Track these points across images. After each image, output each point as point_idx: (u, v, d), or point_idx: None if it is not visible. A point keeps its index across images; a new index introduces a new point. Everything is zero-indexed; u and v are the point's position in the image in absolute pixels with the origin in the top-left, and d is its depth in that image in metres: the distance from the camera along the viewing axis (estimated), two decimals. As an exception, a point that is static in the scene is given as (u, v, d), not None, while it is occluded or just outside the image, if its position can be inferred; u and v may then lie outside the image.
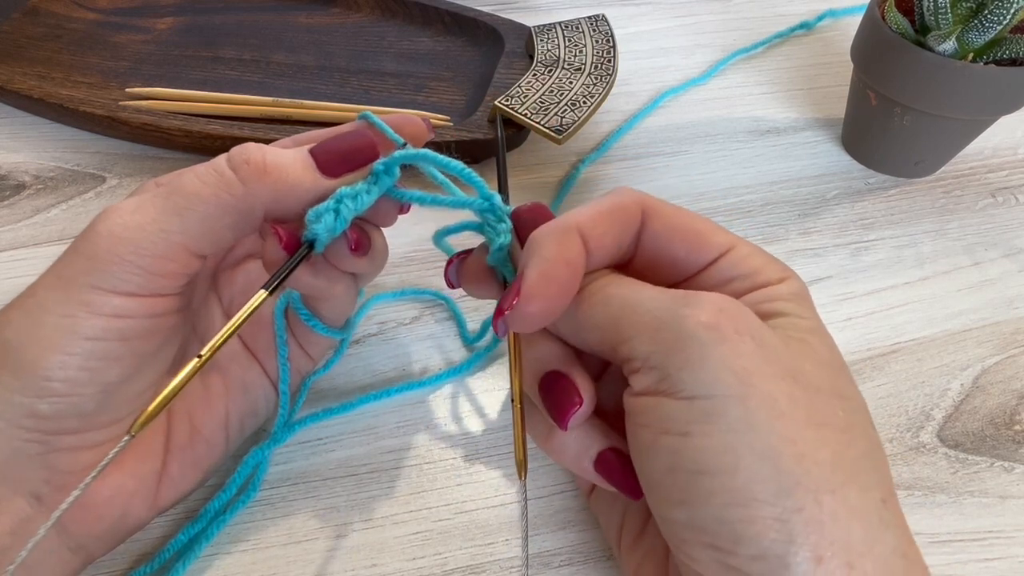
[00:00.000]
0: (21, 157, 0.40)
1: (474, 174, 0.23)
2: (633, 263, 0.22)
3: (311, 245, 0.22)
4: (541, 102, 0.38)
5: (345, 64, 0.45)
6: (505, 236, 0.22)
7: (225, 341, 0.20)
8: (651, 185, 0.40)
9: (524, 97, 0.39)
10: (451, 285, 0.25)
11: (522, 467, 0.21)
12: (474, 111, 0.40)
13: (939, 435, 0.29)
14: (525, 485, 0.21)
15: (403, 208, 0.25)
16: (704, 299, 0.19)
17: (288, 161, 0.22)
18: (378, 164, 0.23)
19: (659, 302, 0.19)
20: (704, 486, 0.17)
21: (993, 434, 0.29)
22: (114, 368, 0.20)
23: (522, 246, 0.21)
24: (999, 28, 0.32)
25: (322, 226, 0.22)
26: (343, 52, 0.46)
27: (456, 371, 0.31)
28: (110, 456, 0.18)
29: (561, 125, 0.37)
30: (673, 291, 0.19)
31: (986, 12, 0.32)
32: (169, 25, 0.47)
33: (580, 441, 0.21)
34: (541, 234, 0.20)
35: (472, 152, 0.39)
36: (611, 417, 0.23)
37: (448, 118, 0.41)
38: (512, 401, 0.22)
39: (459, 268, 0.24)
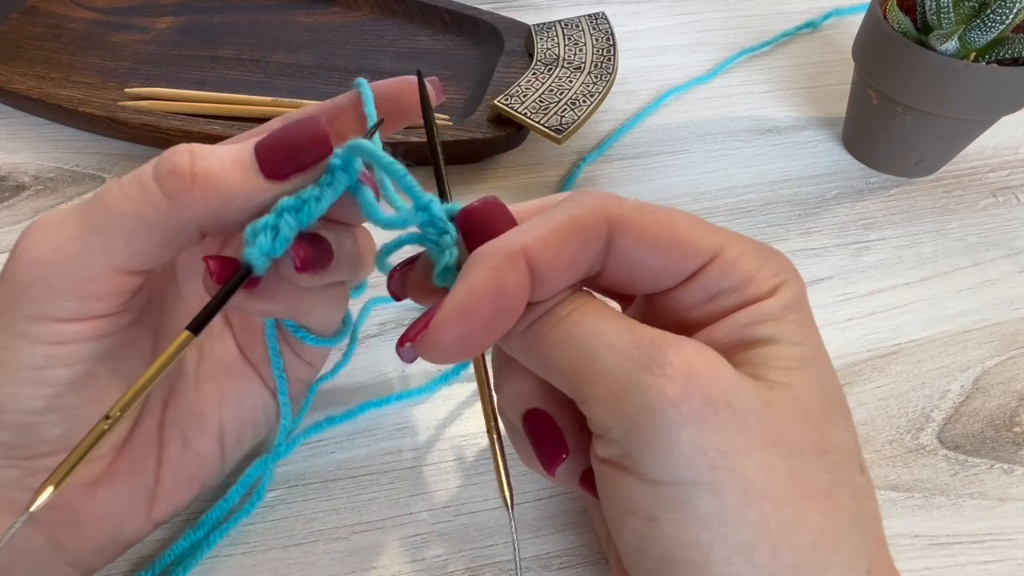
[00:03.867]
0: (20, 158, 0.40)
1: (413, 182, 0.19)
2: (603, 277, 0.19)
3: (249, 270, 0.19)
4: (541, 101, 0.38)
5: (344, 63, 0.45)
6: (451, 253, 0.19)
7: (140, 395, 0.17)
8: (651, 184, 0.40)
9: (524, 96, 0.39)
10: (396, 298, 0.22)
11: (508, 503, 0.19)
12: (474, 110, 0.40)
13: (939, 437, 0.29)
14: (513, 516, 0.19)
15: None
16: (672, 359, 0.16)
17: (222, 166, 0.18)
18: (334, 159, 0.19)
19: (621, 356, 0.17)
20: (672, 575, 0.17)
21: (993, 436, 0.29)
22: (69, 393, 0.19)
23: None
24: (1001, 28, 0.32)
25: (256, 249, 0.18)
26: (342, 51, 0.46)
27: (456, 372, 0.31)
28: (15, 528, 0.16)
29: (561, 124, 0.37)
30: (639, 337, 0.17)
31: (988, 12, 0.32)
32: (168, 25, 0.47)
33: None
34: (478, 256, 0.18)
35: (470, 152, 0.39)
36: None
37: (448, 117, 0.41)
38: (488, 434, 0.20)
39: (402, 281, 0.21)
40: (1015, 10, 0.31)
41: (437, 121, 0.40)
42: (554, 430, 0.20)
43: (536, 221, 0.18)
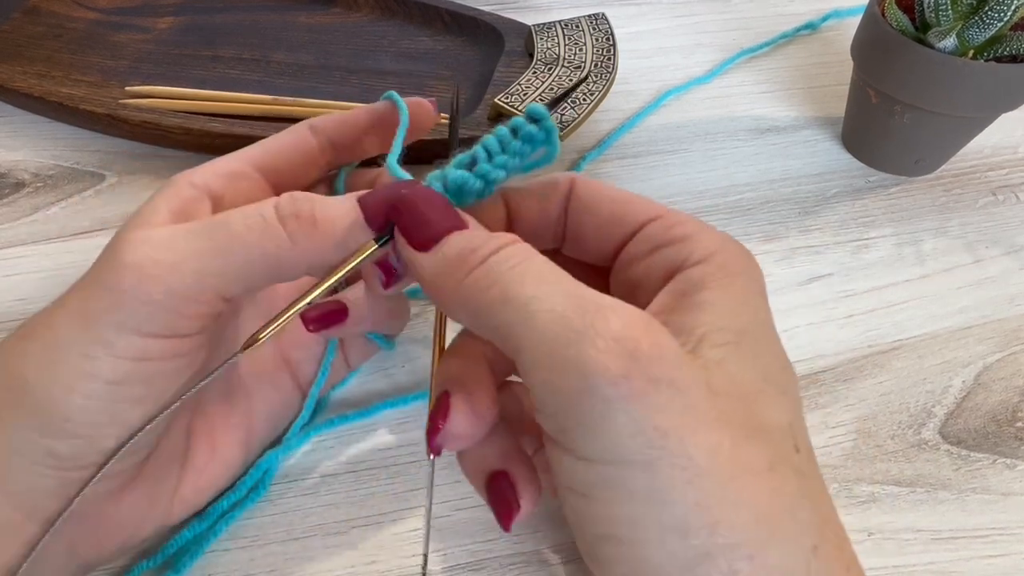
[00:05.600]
0: (20, 155, 0.40)
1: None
2: (567, 228, 0.22)
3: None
4: (541, 100, 0.38)
5: (345, 63, 0.45)
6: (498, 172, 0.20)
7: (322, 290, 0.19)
8: (651, 183, 0.40)
9: (524, 95, 0.39)
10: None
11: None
12: (474, 109, 0.40)
13: (941, 432, 0.29)
14: (433, 464, 0.20)
15: None
16: (615, 331, 0.16)
17: (338, 215, 0.19)
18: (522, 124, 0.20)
19: (561, 324, 0.16)
20: (607, 552, 0.16)
21: (995, 431, 0.29)
22: (136, 409, 0.19)
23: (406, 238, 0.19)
24: (999, 25, 0.32)
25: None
26: (343, 51, 0.46)
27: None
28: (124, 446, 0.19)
29: (561, 122, 0.37)
30: (581, 303, 0.16)
31: (986, 9, 0.32)
32: (169, 24, 0.47)
33: (477, 458, 0.20)
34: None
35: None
36: None
37: (448, 116, 0.41)
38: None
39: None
40: (1013, 7, 0.32)
41: (438, 120, 0.40)
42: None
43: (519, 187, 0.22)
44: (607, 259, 0.21)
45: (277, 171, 0.24)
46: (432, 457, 0.19)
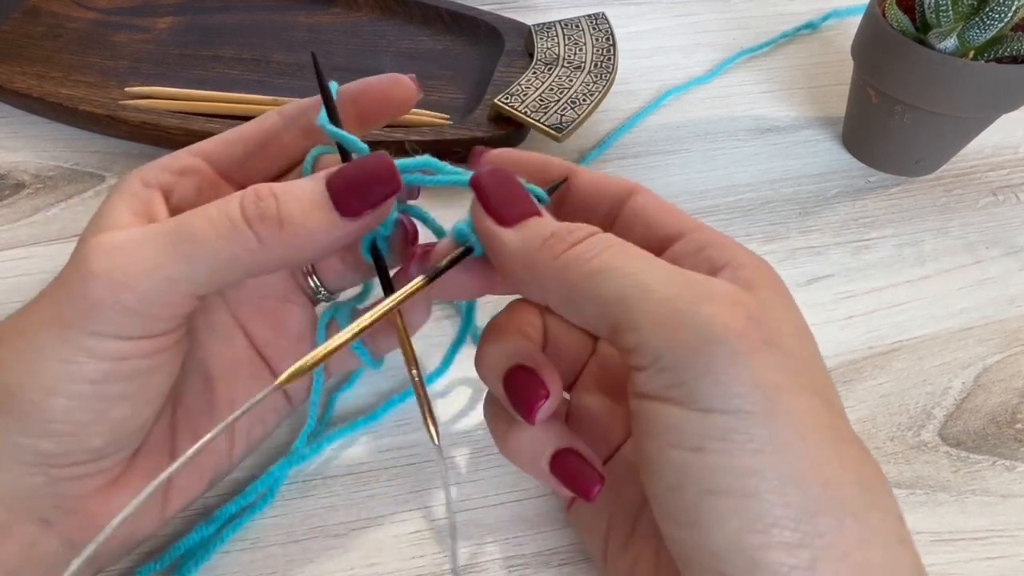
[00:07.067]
0: (20, 156, 0.40)
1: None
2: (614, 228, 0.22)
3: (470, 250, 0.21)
4: (541, 100, 0.38)
5: (345, 63, 0.45)
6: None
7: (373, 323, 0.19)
8: (652, 183, 0.40)
9: (524, 95, 0.39)
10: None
11: (432, 429, 0.21)
12: (474, 109, 0.40)
13: (940, 433, 0.29)
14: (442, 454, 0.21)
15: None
16: (727, 296, 0.17)
17: (304, 209, 0.19)
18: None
19: (674, 288, 0.17)
20: (716, 507, 0.16)
21: (995, 432, 0.29)
22: (119, 406, 0.20)
23: (488, 213, 0.20)
24: (1000, 26, 0.32)
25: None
26: (343, 51, 0.46)
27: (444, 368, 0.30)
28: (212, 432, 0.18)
29: (561, 123, 0.37)
30: (685, 274, 0.18)
31: (987, 9, 0.32)
32: (169, 24, 0.47)
33: (536, 441, 0.21)
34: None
35: (471, 151, 0.39)
36: (589, 420, 0.23)
37: (447, 116, 0.41)
38: (409, 370, 0.22)
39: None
40: (1013, 8, 0.31)
41: (437, 120, 0.40)
42: (534, 378, 0.20)
43: (587, 174, 0.23)
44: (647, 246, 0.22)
45: (236, 162, 0.24)
46: (437, 443, 0.21)
